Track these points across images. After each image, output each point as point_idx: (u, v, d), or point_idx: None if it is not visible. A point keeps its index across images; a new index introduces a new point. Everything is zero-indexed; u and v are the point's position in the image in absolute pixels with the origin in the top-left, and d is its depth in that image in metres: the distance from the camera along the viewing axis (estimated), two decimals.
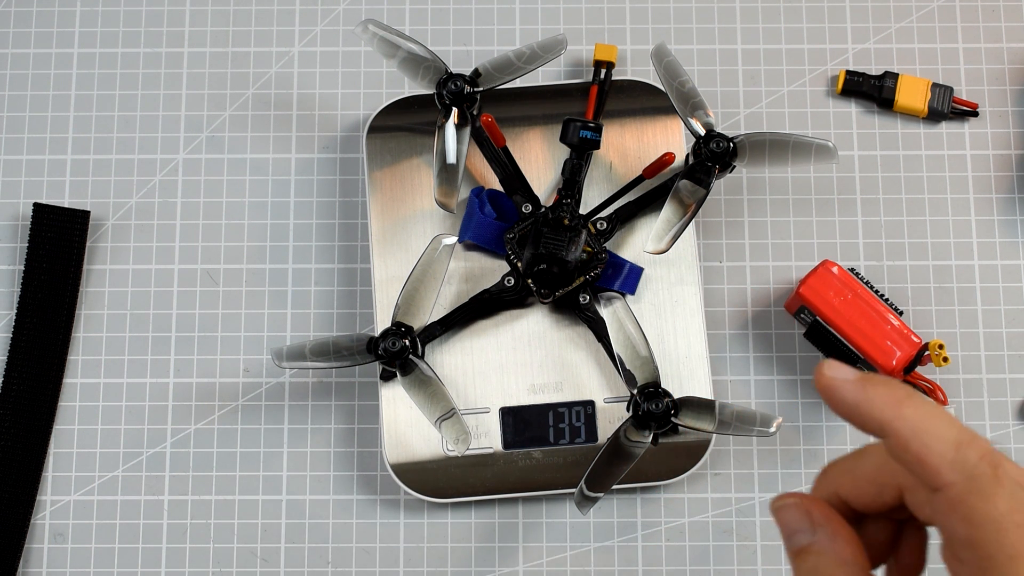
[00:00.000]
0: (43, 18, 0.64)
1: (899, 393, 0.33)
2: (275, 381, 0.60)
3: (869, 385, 0.34)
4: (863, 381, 0.34)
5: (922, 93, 0.62)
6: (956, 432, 0.32)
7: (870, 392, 0.33)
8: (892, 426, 0.33)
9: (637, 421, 0.53)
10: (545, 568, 0.58)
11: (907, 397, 0.33)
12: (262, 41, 0.64)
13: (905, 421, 0.33)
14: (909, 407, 0.33)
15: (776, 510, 0.36)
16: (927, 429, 0.32)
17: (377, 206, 0.59)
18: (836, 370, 0.34)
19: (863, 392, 0.33)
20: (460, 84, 0.55)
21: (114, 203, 0.62)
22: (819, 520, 0.35)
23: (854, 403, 0.34)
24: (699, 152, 0.56)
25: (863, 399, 0.33)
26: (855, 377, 0.34)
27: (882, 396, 0.33)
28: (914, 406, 0.33)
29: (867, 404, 0.33)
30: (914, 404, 0.33)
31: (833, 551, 0.34)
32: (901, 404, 0.33)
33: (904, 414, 0.33)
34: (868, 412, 0.33)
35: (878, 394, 0.33)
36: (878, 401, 0.33)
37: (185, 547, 0.58)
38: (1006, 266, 0.61)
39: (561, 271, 0.55)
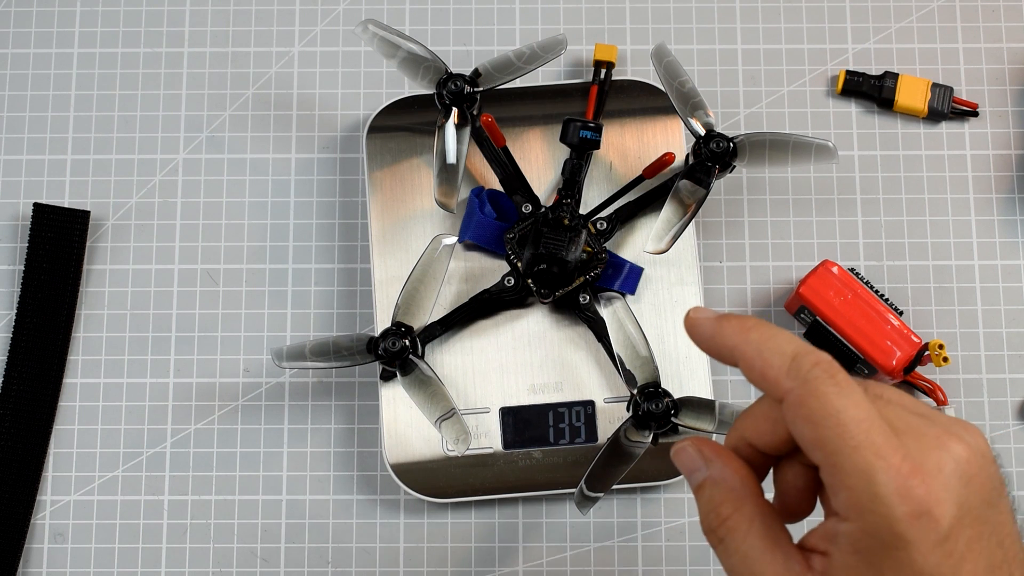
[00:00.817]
0: (43, 18, 0.64)
1: (748, 323, 0.37)
2: (275, 381, 0.60)
3: (723, 319, 0.38)
4: (719, 317, 0.38)
5: (922, 93, 0.62)
6: (794, 347, 0.36)
7: (723, 324, 0.38)
8: (739, 350, 0.37)
9: (637, 421, 0.53)
10: (545, 568, 0.58)
11: (755, 325, 0.37)
12: (262, 41, 0.64)
13: (749, 344, 0.36)
14: (754, 332, 0.37)
15: (674, 455, 0.39)
16: (768, 347, 0.36)
17: (377, 206, 0.59)
18: (700, 312, 0.39)
19: (717, 325, 0.38)
20: (460, 84, 0.55)
21: (114, 203, 0.62)
22: (709, 456, 0.38)
23: (710, 335, 0.38)
24: (699, 152, 0.56)
25: (716, 331, 0.38)
26: (713, 315, 0.38)
27: (732, 326, 0.37)
28: (758, 330, 0.37)
29: (720, 335, 0.38)
30: (759, 328, 0.37)
31: (723, 479, 0.38)
32: (747, 330, 0.37)
33: (749, 338, 0.37)
34: (721, 342, 0.38)
35: (729, 324, 0.37)
36: (728, 330, 0.37)
37: (185, 547, 0.58)
38: (1006, 266, 0.61)
39: (561, 271, 0.55)
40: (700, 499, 0.39)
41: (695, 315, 0.39)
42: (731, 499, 0.38)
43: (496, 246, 0.58)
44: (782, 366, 0.35)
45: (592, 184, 0.59)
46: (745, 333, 0.37)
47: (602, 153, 0.60)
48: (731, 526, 0.37)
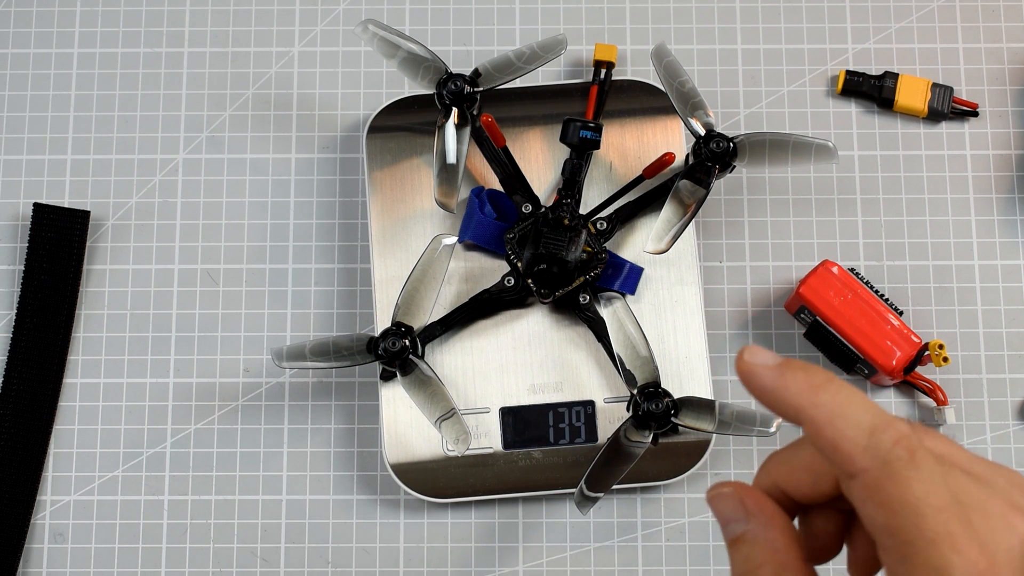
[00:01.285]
0: (43, 18, 0.64)
1: (816, 379, 0.33)
2: (275, 381, 0.60)
3: (787, 371, 0.33)
4: (781, 367, 0.34)
5: (922, 93, 0.62)
6: (871, 417, 0.32)
7: (787, 378, 0.33)
8: (807, 413, 0.33)
9: (637, 421, 0.53)
10: (545, 568, 0.58)
11: (825, 383, 0.33)
12: (262, 41, 0.64)
13: (820, 408, 0.32)
14: (825, 393, 0.33)
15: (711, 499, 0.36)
16: (841, 415, 0.32)
17: (377, 206, 0.59)
18: (756, 355, 0.34)
19: (780, 379, 0.33)
20: (460, 84, 0.55)
21: (114, 203, 0.62)
22: (752, 509, 0.35)
23: (772, 389, 0.34)
24: (699, 152, 0.56)
25: (780, 386, 0.33)
26: (774, 363, 0.34)
27: (799, 382, 0.33)
28: (830, 392, 0.33)
29: (784, 391, 0.33)
30: (830, 390, 0.33)
31: (766, 539, 0.34)
32: (817, 390, 0.33)
33: (819, 400, 0.32)
34: (784, 399, 0.33)
35: (795, 380, 0.33)
36: (794, 388, 0.33)
37: (185, 547, 0.58)
38: (1006, 266, 0.61)
39: (561, 271, 0.55)
40: (736, 555, 0.35)
41: (750, 359, 0.34)
42: (773, 563, 0.34)
43: (496, 246, 0.58)
44: (858, 441, 0.32)
45: (592, 184, 0.59)
46: (814, 394, 0.33)
47: (602, 153, 0.60)
48: None
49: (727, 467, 0.59)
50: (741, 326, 0.60)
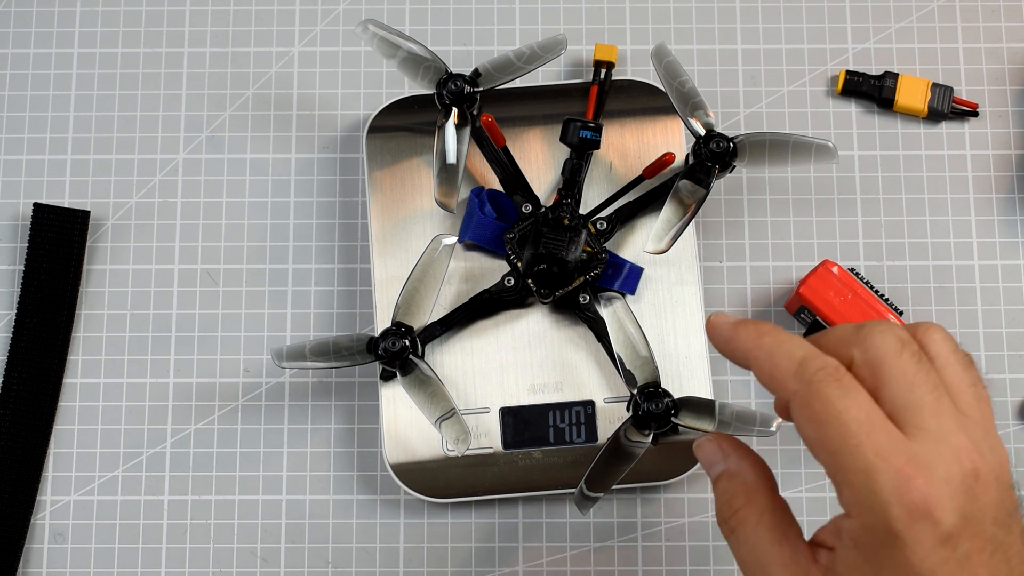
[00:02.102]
0: (43, 18, 0.64)
1: (762, 328, 0.39)
2: (275, 381, 0.60)
3: (740, 324, 0.40)
4: (736, 322, 0.40)
5: (922, 93, 0.62)
6: (803, 352, 0.37)
7: (739, 329, 0.39)
8: (752, 354, 0.38)
9: (637, 421, 0.53)
10: (545, 568, 0.58)
11: (769, 331, 0.39)
12: (262, 41, 0.64)
13: (762, 348, 0.38)
14: (767, 336, 0.38)
15: (696, 447, 0.42)
16: (778, 351, 0.38)
17: (377, 206, 0.59)
18: (719, 316, 0.41)
19: (733, 330, 0.40)
20: (460, 84, 0.55)
21: (114, 203, 0.62)
22: (727, 450, 0.41)
23: (727, 339, 0.40)
24: (699, 152, 0.56)
25: (733, 335, 0.40)
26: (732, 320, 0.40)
27: (748, 330, 0.39)
28: (771, 335, 0.38)
29: (735, 339, 0.39)
30: (771, 333, 0.38)
31: (739, 475, 0.40)
32: (761, 335, 0.39)
33: (762, 342, 0.38)
34: (735, 346, 0.39)
35: (744, 329, 0.39)
36: (743, 335, 0.39)
37: (185, 547, 0.58)
38: (1006, 266, 0.61)
39: (561, 271, 0.55)
40: (716, 491, 0.40)
41: (715, 319, 0.41)
42: (744, 491, 0.39)
43: (496, 246, 0.58)
44: (789, 368, 0.37)
45: (592, 184, 0.59)
46: (759, 338, 0.38)
47: (602, 153, 0.60)
48: (742, 517, 0.39)
49: None
50: None
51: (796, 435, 0.58)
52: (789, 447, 0.59)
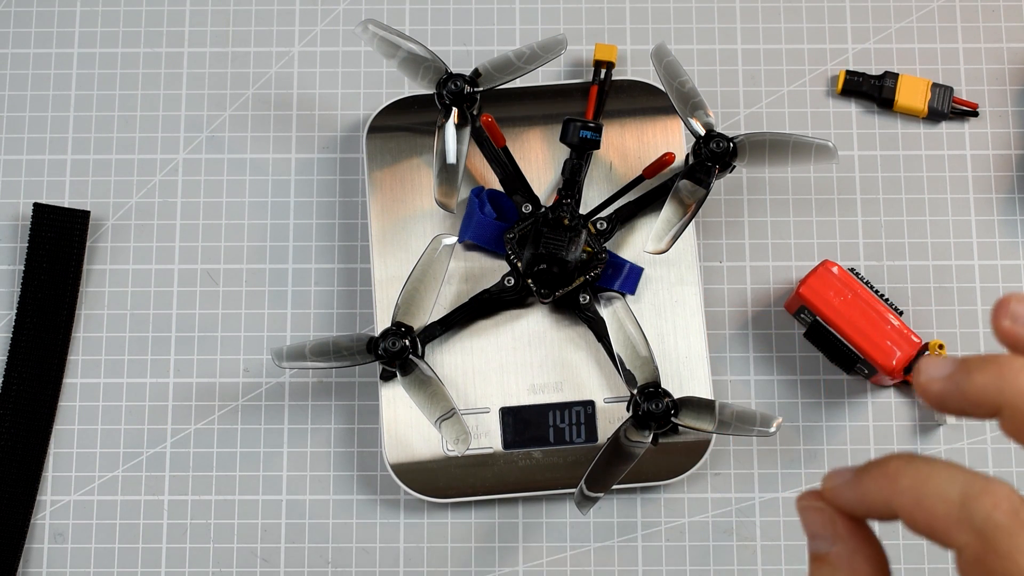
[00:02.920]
0: (43, 18, 0.64)
1: (891, 467, 0.32)
2: (275, 381, 0.60)
3: (863, 477, 0.32)
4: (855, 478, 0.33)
5: (922, 93, 0.62)
6: (960, 486, 0.30)
7: (865, 484, 0.32)
8: (895, 503, 0.31)
9: (637, 421, 0.53)
10: (545, 568, 0.58)
11: (902, 466, 0.32)
12: (262, 41, 0.64)
13: (904, 494, 0.31)
14: (904, 477, 0.31)
15: (801, 510, 0.35)
16: (927, 493, 0.31)
17: (377, 206, 0.59)
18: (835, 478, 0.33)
19: (859, 488, 0.33)
20: (460, 84, 0.55)
21: (114, 203, 0.62)
22: (842, 534, 0.33)
23: (857, 500, 0.33)
24: (699, 152, 0.56)
25: (861, 496, 0.32)
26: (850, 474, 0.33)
27: (875, 480, 0.32)
28: (909, 473, 0.31)
29: (867, 497, 0.32)
30: (909, 472, 0.31)
31: (850, 568, 0.33)
32: (896, 478, 0.32)
33: (901, 487, 0.31)
34: (871, 504, 0.32)
35: (872, 480, 0.32)
36: (873, 487, 0.32)
37: (185, 547, 0.58)
38: (1006, 266, 0.61)
39: (561, 271, 0.55)
40: (816, 573, 0.33)
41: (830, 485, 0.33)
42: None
43: (496, 246, 0.58)
44: (950, 515, 0.30)
45: (592, 184, 0.59)
46: (893, 482, 0.31)
47: (602, 153, 0.60)
48: None
49: (727, 467, 0.59)
50: (741, 326, 0.60)
51: (794, 435, 0.59)
52: (789, 447, 0.59)
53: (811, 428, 0.59)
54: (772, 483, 0.59)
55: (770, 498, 0.58)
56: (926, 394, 0.32)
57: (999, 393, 0.30)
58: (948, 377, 0.32)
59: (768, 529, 0.58)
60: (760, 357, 0.60)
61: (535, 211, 0.57)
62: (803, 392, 0.60)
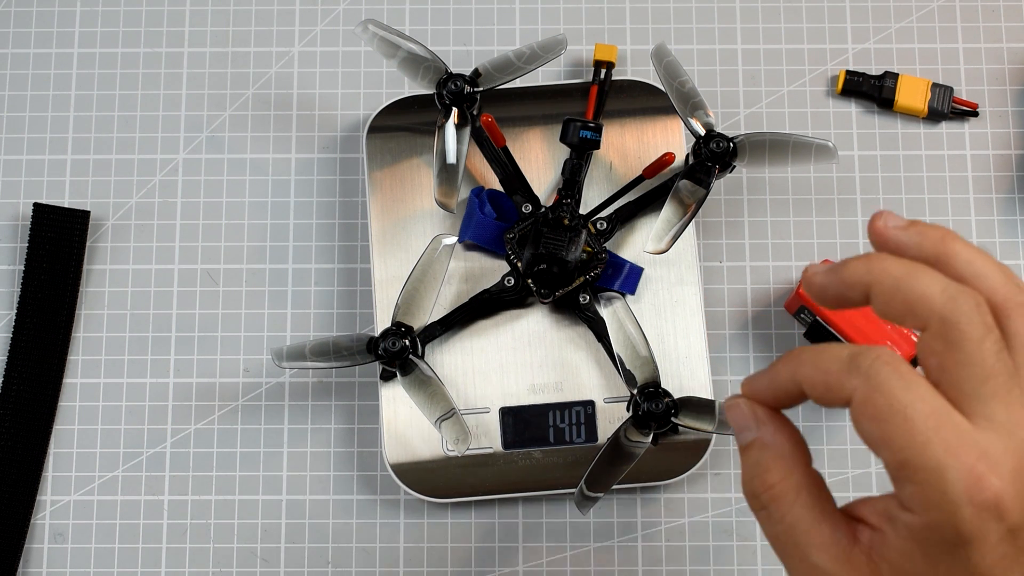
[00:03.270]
0: (43, 18, 0.64)
1: (794, 351, 0.36)
2: (275, 381, 0.60)
3: (774, 365, 0.37)
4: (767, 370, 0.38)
5: (922, 93, 0.62)
6: (850, 349, 0.35)
7: (775, 369, 0.37)
8: (798, 375, 0.36)
9: (637, 421, 0.53)
10: (545, 568, 0.58)
11: (804, 348, 0.36)
12: (262, 41, 0.64)
13: (804, 364, 0.36)
14: (805, 352, 0.36)
15: (727, 409, 0.39)
16: (823, 358, 0.35)
17: (377, 206, 0.59)
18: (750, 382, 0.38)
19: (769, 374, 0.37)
20: (460, 84, 0.55)
21: (114, 203, 0.62)
22: (762, 418, 0.38)
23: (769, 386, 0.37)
24: (699, 152, 0.56)
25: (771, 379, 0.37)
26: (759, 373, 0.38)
27: (782, 363, 0.37)
28: (809, 351, 0.36)
29: (776, 379, 0.37)
30: (808, 349, 0.36)
31: (773, 446, 0.37)
32: (798, 355, 0.36)
33: (802, 359, 0.36)
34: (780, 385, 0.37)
35: (779, 364, 0.37)
36: (780, 369, 0.37)
37: (185, 547, 0.58)
38: None
39: (561, 271, 0.55)
40: (746, 460, 0.38)
41: (745, 381, 0.39)
42: (780, 466, 0.37)
43: (496, 246, 0.58)
44: (841, 369, 0.34)
45: (592, 184, 0.59)
46: (796, 358, 0.36)
47: (602, 153, 0.60)
48: (777, 494, 0.37)
49: (727, 467, 0.59)
50: (741, 326, 0.60)
51: None
52: None
53: (811, 428, 0.59)
54: None
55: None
56: (811, 287, 0.37)
57: (867, 273, 0.35)
58: (827, 270, 0.37)
59: None
60: (760, 357, 0.60)
61: (535, 211, 0.57)
62: None
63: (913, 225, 0.37)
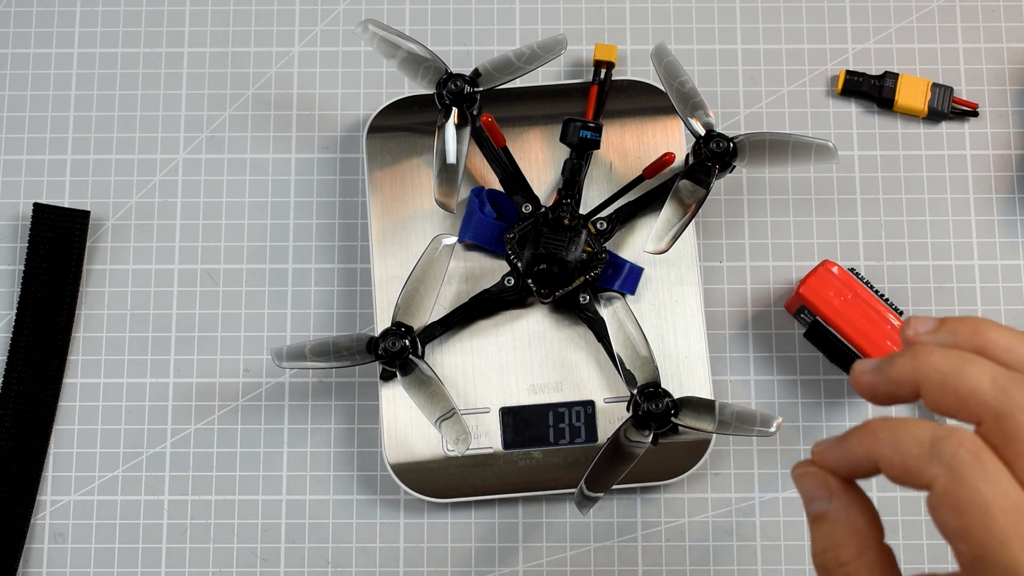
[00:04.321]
0: (43, 18, 0.64)
1: (870, 425, 0.35)
2: (275, 381, 0.60)
3: (848, 437, 0.36)
4: (841, 440, 0.36)
5: (922, 93, 0.62)
6: (930, 431, 0.34)
7: (849, 441, 0.36)
8: (875, 454, 0.35)
9: (637, 421, 0.53)
10: (545, 568, 0.58)
11: (880, 423, 0.35)
12: (262, 41, 0.64)
13: (881, 443, 0.34)
14: (882, 430, 0.35)
15: (796, 477, 0.38)
16: (902, 438, 0.34)
17: (377, 206, 0.59)
18: (821, 444, 0.37)
19: (844, 446, 0.36)
20: (460, 84, 0.55)
21: (114, 203, 0.62)
22: (836, 490, 0.37)
23: (840, 458, 0.36)
24: (699, 152, 0.56)
25: (845, 451, 0.36)
26: (834, 442, 0.37)
27: (858, 438, 0.36)
28: (885, 427, 0.35)
29: (851, 453, 0.36)
30: (885, 425, 0.35)
31: (847, 519, 0.36)
32: (875, 432, 0.35)
33: (879, 438, 0.35)
34: (854, 457, 0.36)
35: (854, 437, 0.36)
36: (856, 443, 0.36)
37: (185, 547, 0.58)
38: (1006, 266, 0.61)
39: (561, 271, 0.55)
40: (817, 532, 0.37)
41: (819, 450, 0.38)
42: (855, 543, 0.36)
43: (496, 246, 0.58)
44: (922, 454, 0.33)
45: (592, 184, 0.59)
46: (873, 435, 0.35)
47: (602, 153, 0.60)
48: (850, 571, 0.36)
49: (727, 467, 0.59)
50: (741, 326, 0.60)
51: (794, 435, 0.58)
52: (789, 447, 0.59)
53: (811, 428, 0.59)
54: (772, 483, 0.59)
55: (770, 498, 0.59)
56: (860, 386, 0.37)
57: (915, 371, 0.35)
58: (875, 368, 0.36)
59: (768, 529, 0.58)
60: (760, 357, 0.60)
61: (535, 211, 0.57)
62: (803, 392, 0.60)
63: (943, 325, 0.36)
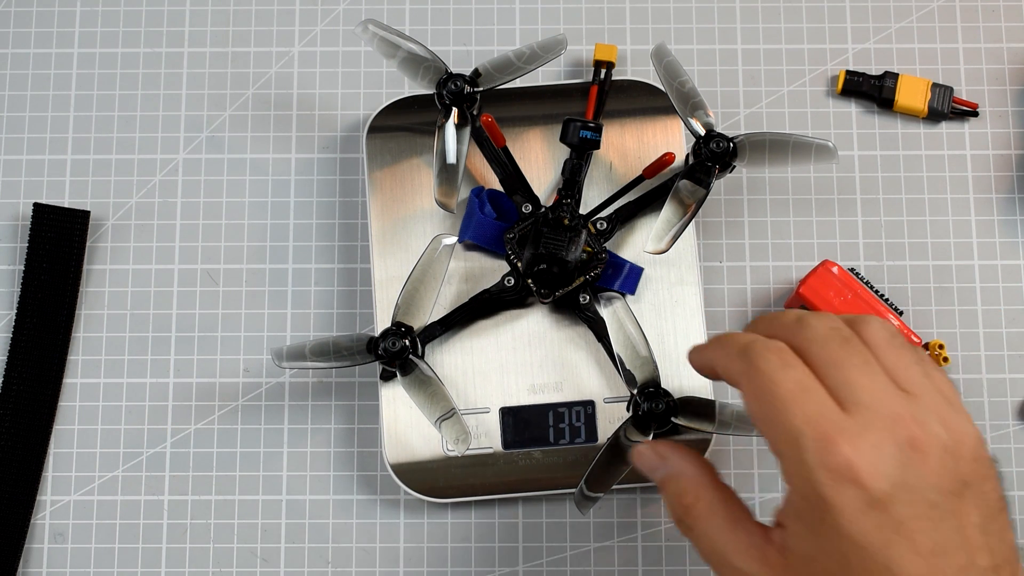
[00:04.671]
0: (43, 18, 0.64)
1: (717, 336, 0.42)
2: (275, 381, 0.60)
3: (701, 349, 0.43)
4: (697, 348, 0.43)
5: (922, 93, 0.62)
6: (749, 338, 0.39)
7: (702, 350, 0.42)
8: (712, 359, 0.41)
9: (637, 421, 0.53)
10: (545, 568, 0.58)
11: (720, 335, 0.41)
12: (262, 41, 0.64)
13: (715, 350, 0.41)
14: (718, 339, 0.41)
15: (635, 460, 0.44)
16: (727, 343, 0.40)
17: (377, 206, 0.59)
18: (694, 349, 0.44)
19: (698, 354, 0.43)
20: (460, 84, 0.55)
21: (114, 203, 0.62)
22: (665, 453, 0.43)
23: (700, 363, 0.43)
24: (699, 152, 0.56)
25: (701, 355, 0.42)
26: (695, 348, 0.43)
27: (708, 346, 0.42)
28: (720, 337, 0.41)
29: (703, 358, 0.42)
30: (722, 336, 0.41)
31: (682, 471, 0.42)
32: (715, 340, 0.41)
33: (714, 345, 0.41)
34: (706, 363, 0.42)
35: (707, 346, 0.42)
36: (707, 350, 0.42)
37: (185, 547, 0.58)
38: (1006, 266, 0.61)
39: (561, 271, 0.55)
40: (665, 494, 0.42)
41: (689, 353, 0.44)
42: (691, 488, 0.41)
43: (496, 246, 0.58)
44: (733, 354, 0.39)
45: (592, 184, 0.59)
46: (714, 343, 0.41)
47: (602, 153, 0.60)
48: (695, 513, 0.40)
49: (727, 467, 0.59)
50: (741, 326, 0.60)
51: None
52: None
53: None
54: (772, 483, 0.59)
55: (770, 498, 0.59)
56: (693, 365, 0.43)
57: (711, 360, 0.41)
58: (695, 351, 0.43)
59: None
60: None
61: (535, 211, 0.57)
62: None
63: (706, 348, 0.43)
